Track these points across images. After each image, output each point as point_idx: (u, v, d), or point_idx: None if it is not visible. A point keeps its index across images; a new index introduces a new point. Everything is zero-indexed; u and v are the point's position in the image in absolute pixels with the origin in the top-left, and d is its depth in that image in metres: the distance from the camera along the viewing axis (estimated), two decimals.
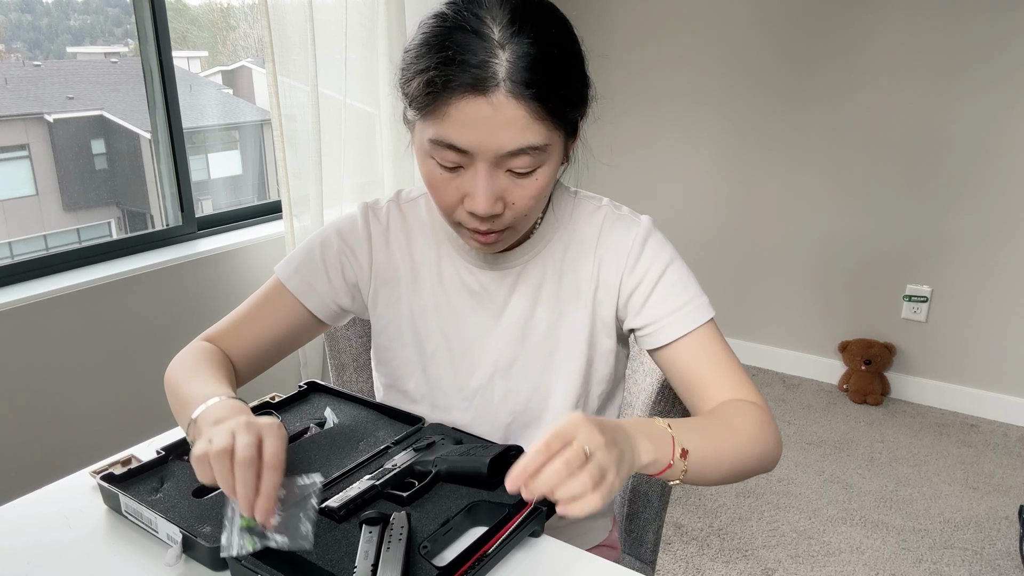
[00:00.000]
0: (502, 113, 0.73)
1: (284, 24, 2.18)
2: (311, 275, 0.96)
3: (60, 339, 1.89)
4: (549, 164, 0.80)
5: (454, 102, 0.73)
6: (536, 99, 0.73)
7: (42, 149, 2.58)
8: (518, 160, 0.76)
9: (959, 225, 2.65)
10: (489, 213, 0.79)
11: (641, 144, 3.23)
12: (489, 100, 0.72)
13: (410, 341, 0.99)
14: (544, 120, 0.75)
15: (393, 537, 0.71)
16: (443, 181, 0.80)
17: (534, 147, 0.76)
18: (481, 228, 0.82)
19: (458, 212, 0.82)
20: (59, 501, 0.86)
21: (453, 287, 0.96)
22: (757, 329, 3.15)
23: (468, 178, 0.78)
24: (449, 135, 0.75)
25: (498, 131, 0.74)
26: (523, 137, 0.75)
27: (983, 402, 2.73)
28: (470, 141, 0.75)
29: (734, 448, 0.82)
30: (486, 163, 0.76)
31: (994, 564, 1.97)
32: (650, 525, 1.16)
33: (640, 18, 3.11)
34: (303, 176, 2.31)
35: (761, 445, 0.84)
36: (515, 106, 0.73)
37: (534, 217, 0.87)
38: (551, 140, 0.77)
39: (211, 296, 2.21)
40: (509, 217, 0.81)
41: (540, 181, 0.79)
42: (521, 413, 0.98)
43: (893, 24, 2.62)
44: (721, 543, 2.07)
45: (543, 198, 0.83)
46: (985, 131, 2.54)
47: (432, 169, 0.80)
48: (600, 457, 0.64)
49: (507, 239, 0.86)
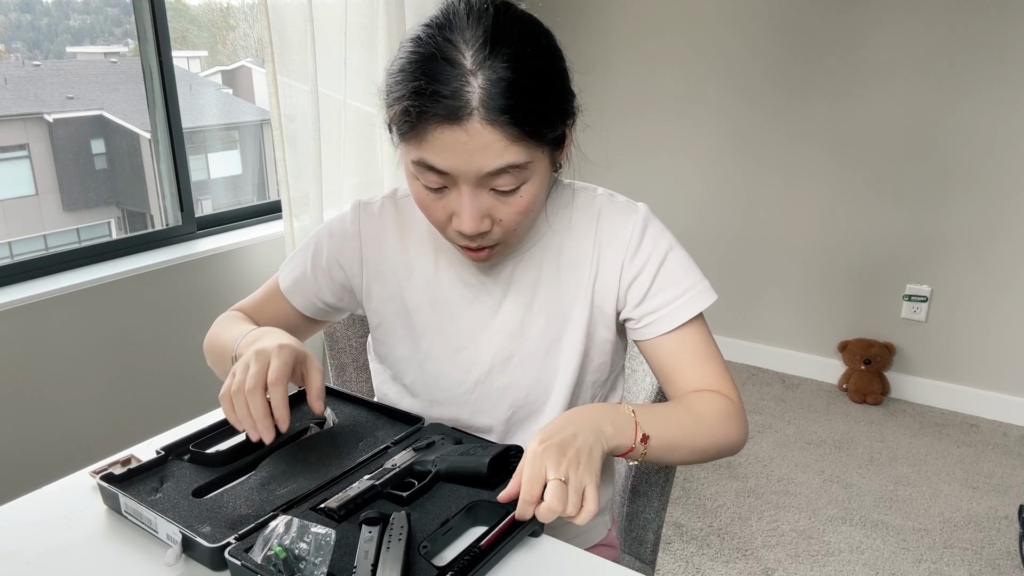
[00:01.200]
0: (478, 139, 0.73)
1: (284, 24, 2.18)
2: (300, 275, 1.01)
3: (60, 339, 1.89)
4: (534, 180, 0.80)
5: (430, 130, 0.74)
6: (512, 123, 0.73)
7: (42, 149, 2.58)
8: (500, 179, 0.77)
9: (959, 225, 2.65)
10: (476, 232, 0.80)
11: (639, 145, 3.23)
12: (464, 128, 0.73)
13: (405, 336, 0.99)
14: (522, 140, 0.75)
15: (393, 537, 0.71)
16: (430, 201, 0.82)
17: (514, 165, 0.76)
18: (471, 245, 0.84)
19: (448, 230, 0.84)
20: (59, 501, 0.86)
21: (449, 282, 0.96)
22: (757, 329, 3.15)
23: (454, 198, 0.80)
24: (429, 159, 0.76)
25: (476, 155, 0.74)
26: (502, 158, 0.75)
27: (983, 402, 2.73)
28: (450, 165, 0.76)
29: (694, 434, 0.87)
30: (469, 184, 0.77)
31: (994, 564, 1.97)
32: (650, 525, 1.16)
33: (637, 19, 3.10)
34: (303, 176, 2.31)
35: (723, 434, 0.89)
36: (490, 132, 0.73)
37: (524, 232, 0.88)
38: (532, 157, 0.78)
39: (211, 296, 2.21)
40: (498, 233, 0.83)
41: (525, 198, 0.80)
42: (521, 407, 0.98)
43: (892, 24, 2.62)
44: (721, 543, 2.07)
45: (531, 213, 0.83)
46: (985, 131, 2.54)
47: (420, 189, 0.82)
48: (574, 478, 0.72)
49: (500, 253, 0.88)
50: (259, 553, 0.68)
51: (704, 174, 3.13)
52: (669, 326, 0.91)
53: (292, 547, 0.68)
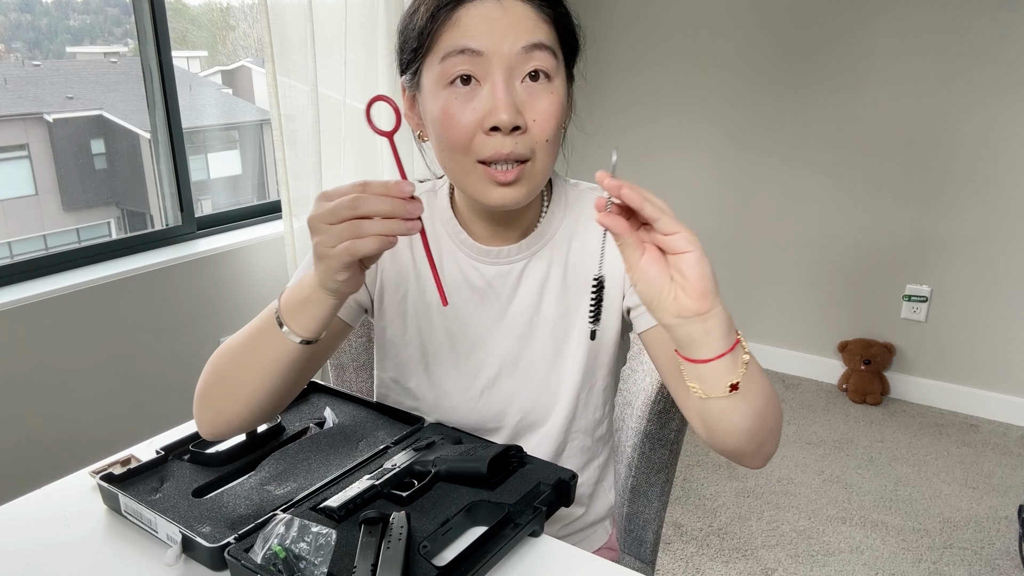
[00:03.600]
0: (511, 13, 0.78)
1: (284, 24, 2.18)
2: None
3: (60, 339, 1.89)
4: (560, 80, 0.82)
5: (463, 10, 0.78)
6: (542, 0, 0.80)
7: (42, 149, 2.58)
8: (534, 59, 0.79)
9: (959, 225, 2.65)
10: (511, 123, 0.77)
11: (639, 144, 3.23)
12: (497, 1, 0.78)
13: (412, 339, 0.98)
14: (550, 24, 0.80)
15: (393, 537, 0.71)
16: (459, 106, 0.79)
17: (547, 45, 0.79)
18: (503, 150, 0.79)
19: (476, 142, 0.80)
20: (59, 501, 0.86)
21: (456, 284, 0.95)
22: (757, 329, 3.15)
23: (486, 95, 0.79)
24: (463, 41, 0.78)
25: (510, 30, 0.78)
26: (535, 34, 0.79)
27: (983, 402, 2.73)
28: (483, 43, 0.77)
29: (768, 400, 0.76)
30: (502, 69, 0.78)
31: (993, 564, 1.97)
32: (650, 525, 1.16)
33: (638, 18, 3.10)
34: (303, 176, 2.31)
35: (776, 413, 0.79)
36: (522, 7, 0.79)
37: (551, 161, 0.84)
38: (558, 52, 0.81)
39: (211, 296, 2.21)
40: (530, 139, 0.80)
41: (556, 97, 0.81)
42: (529, 412, 0.96)
43: (893, 23, 2.62)
44: (721, 543, 2.07)
45: (560, 124, 0.83)
46: (985, 131, 2.54)
47: (447, 100, 0.80)
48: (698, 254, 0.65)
49: (527, 182, 0.82)
50: (259, 553, 0.68)
51: (704, 174, 3.13)
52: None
53: (292, 547, 0.68)
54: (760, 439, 0.78)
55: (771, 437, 0.80)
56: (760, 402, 0.74)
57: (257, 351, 0.80)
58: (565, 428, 0.97)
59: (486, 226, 0.92)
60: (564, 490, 0.81)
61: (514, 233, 0.92)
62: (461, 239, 0.94)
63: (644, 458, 1.13)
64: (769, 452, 0.81)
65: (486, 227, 0.92)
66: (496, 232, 0.92)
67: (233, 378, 0.82)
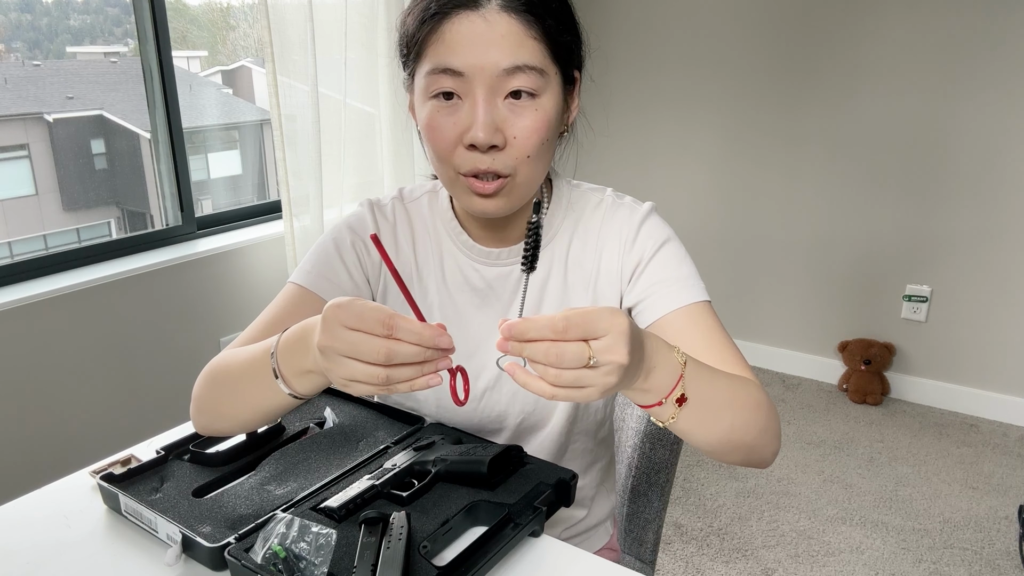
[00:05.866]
0: (496, 28, 0.75)
1: (284, 24, 2.18)
2: (330, 272, 0.92)
3: (60, 339, 1.89)
4: (548, 95, 0.79)
5: (448, 24, 0.76)
6: (530, 13, 0.76)
7: (42, 149, 2.58)
8: (515, 80, 0.77)
9: (959, 225, 2.65)
10: (488, 141, 0.77)
11: (639, 144, 3.23)
12: (482, 15, 0.76)
13: None
14: (538, 40, 0.77)
15: (393, 537, 0.71)
16: (441, 118, 0.79)
17: (530, 66, 0.77)
18: (481, 166, 0.79)
19: (456, 155, 0.80)
20: (59, 501, 0.86)
21: (457, 286, 0.95)
22: (757, 329, 3.15)
23: (467, 111, 0.78)
24: (446, 59, 0.77)
25: (493, 47, 0.75)
26: (518, 54, 0.76)
27: (983, 402, 2.73)
28: (466, 61, 0.76)
29: (741, 409, 0.74)
30: (483, 88, 0.77)
31: (994, 564, 1.97)
32: (650, 525, 1.16)
33: (639, 18, 3.10)
34: (303, 176, 2.31)
35: (764, 418, 0.77)
36: (508, 21, 0.76)
37: (532, 178, 0.83)
38: (547, 67, 0.78)
39: (211, 296, 2.21)
40: (510, 157, 0.79)
41: (540, 114, 0.79)
42: (531, 413, 0.96)
43: (893, 24, 2.62)
44: (721, 543, 2.07)
45: (544, 140, 0.80)
46: (985, 131, 2.54)
47: (431, 111, 0.80)
48: (598, 376, 0.60)
49: (508, 195, 0.82)
50: (259, 553, 0.68)
51: (704, 174, 3.13)
52: (671, 304, 0.86)
53: (292, 547, 0.68)
54: (745, 448, 0.77)
55: (761, 441, 0.78)
56: (726, 413, 0.73)
57: (249, 391, 0.76)
58: (566, 430, 0.96)
59: (484, 228, 0.92)
60: (564, 490, 0.81)
61: (514, 234, 0.92)
62: (462, 240, 0.94)
63: (644, 458, 1.13)
64: (765, 455, 0.81)
65: (484, 229, 0.93)
66: (495, 234, 0.92)
67: (227, 403, 0.80)
